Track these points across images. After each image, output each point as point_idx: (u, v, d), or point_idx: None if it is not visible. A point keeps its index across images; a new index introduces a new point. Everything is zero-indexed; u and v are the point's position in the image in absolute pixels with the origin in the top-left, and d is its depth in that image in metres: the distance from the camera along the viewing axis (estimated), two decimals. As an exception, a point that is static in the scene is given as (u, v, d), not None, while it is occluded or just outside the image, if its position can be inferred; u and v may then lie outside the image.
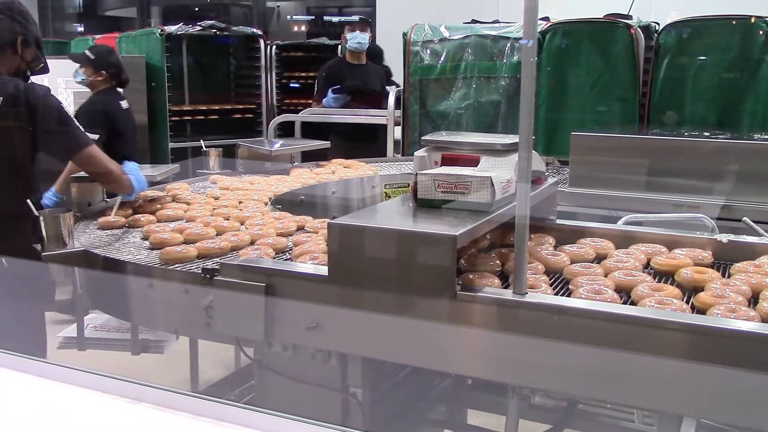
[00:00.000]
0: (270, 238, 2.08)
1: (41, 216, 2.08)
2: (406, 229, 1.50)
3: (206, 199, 2.67)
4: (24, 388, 1.11)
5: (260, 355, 1.75)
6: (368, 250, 1.52)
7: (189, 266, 1.90)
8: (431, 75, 4.07)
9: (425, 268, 1.47)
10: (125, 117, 4.50)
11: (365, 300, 1.54)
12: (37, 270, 2.06)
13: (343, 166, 3.33)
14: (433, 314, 1.49)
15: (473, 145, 1.81)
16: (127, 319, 2.35)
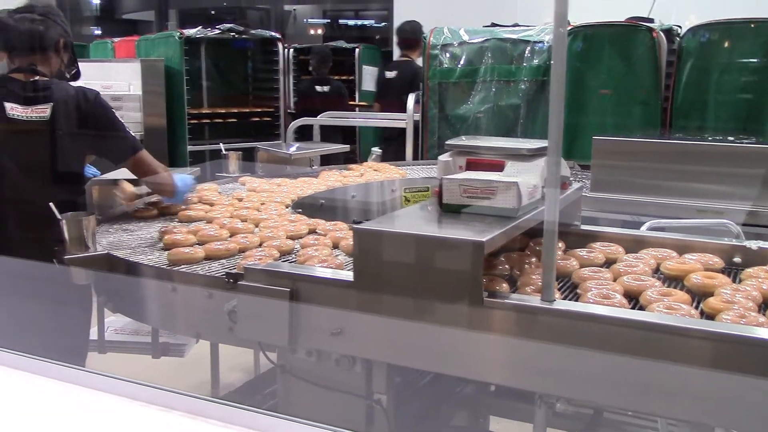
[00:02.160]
0: (277, 240, 2.07)
1: (64, 219, 2.09)
2: (433, 235, 1.49)
3: (230, 200, 2.67)
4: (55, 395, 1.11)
5: (284, 361, 1.74)
6: (394, 256, 1.51)
7: (195, 267, 1.91)
8: (450, 78, 4.06)
9: (452, 274, 1.46)
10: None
11: (390, 306, 1.53)
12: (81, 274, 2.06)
13: (372, 170, 3.32)
14: (459, 321, 1.48)
15: (498, 150, 1.80)
16: (149, 323, 2.35)
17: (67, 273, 2.07)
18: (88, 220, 2.11)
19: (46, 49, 2.47)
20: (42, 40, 2.45)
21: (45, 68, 2.47)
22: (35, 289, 2.36)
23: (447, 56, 4.07)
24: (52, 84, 2.45)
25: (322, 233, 2.19)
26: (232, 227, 2.24)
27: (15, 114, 2.37)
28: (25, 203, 2.45)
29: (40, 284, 2.34)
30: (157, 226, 2.37)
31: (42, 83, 2.43)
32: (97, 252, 2.09)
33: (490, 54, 3.97)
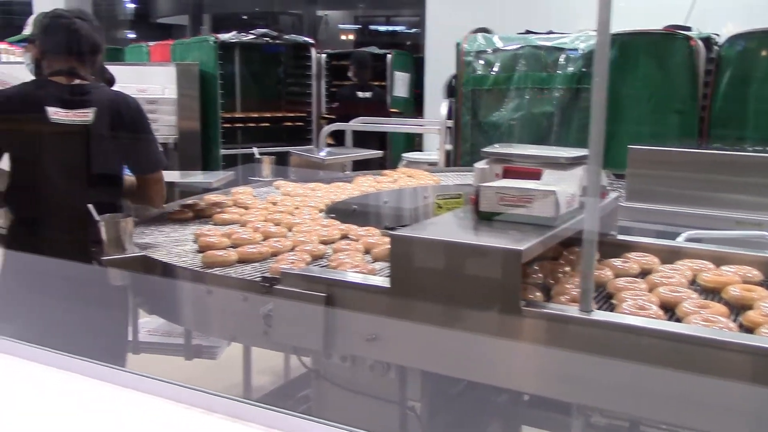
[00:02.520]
0: (309, 245, 2.09)
1: (102, 221, 2.11)
2: (471, 243, 1.49)
3: (265, 204, 2.69)
4: (97, 396, 1.12)
5: (318, 365, 1.75)
6: (431, 263, 1.51)
7: (228, 270, 1.93)
8: (484, 85, 4.06)
9: (489, 282, 1.45)
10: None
11: (426, 312, 1.53)
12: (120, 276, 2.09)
13: (406, 176, 3.31)
14: (496, 329, 1.47)
15: (536, 158, 1.79)
16: (184, 325, 2.37)
17: (105, 274, 2.09)
18: (125, 222, 2.13)
19: (86, 53, 2.50)
20: (83, 44, 2.48)
21: (84, 72, 2.50)
22: (74, 289, 2.40)
23: (481, 63, 4.06)
24: (94, 88, 2.48)
25: (354, 238, 2.20)
26: (265, 231, 2.25)
27: (58, 118, 2.40)
28: (65, 205, 2.48)
29: (79, 284, 2.37)
30: (192, 229, 2.39)
31: (84, 87, 2.46)
32: (134, 254, 2.11)
33: (524, 61, 3.95)
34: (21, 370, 1.35)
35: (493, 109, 4.04)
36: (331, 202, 2.76)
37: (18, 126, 2.46)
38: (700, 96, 3.45)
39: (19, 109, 2.44)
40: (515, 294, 1.43)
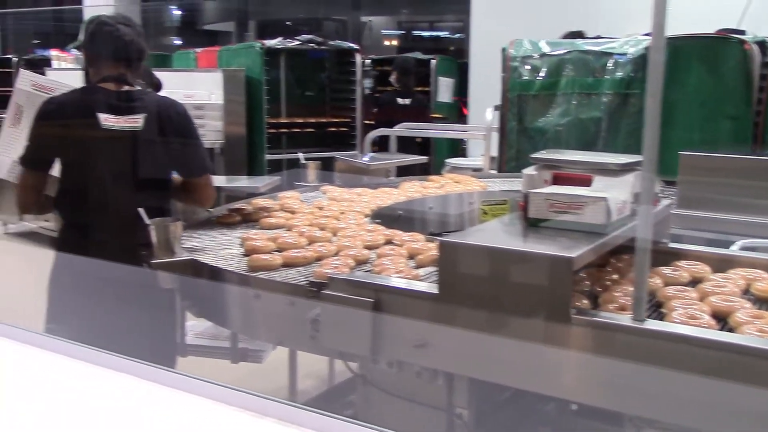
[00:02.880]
0: (354, 250, 2.09)
1: (152, 225, 2.14)
2: (521, 250, 1.48)
3: (311, 208, 2.70)
4: (149, 397, 1.13)
5: (365, 371, 1.75)
6: (480, 270, 1.50)
7: (273, 274, 1.94)
8: (530, 91, 4.02)
9: (539, 290, 1.44)
10: None
11: (475, 320, 1.52)
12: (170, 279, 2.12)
13: (453, 181, 3.30)
14: (545, 337, 1.45)
15: (586, 165, 1.76)
16: (232, 329, 2.39)
17: (154, 277, 2.12)
18: (174, 225, 2.16)
19: (132, 59, 2.54)
20: (129, 51, 2.53)
21: (131, 78, 2.54)
22: (123, 291, 2.44)
23: (527, 68, 4.03)
24: (144, 94, 2.52)
25: (399, 244, 2.19)
26: (310, 235, 2.26)
27: (109, 124, 2.45)
28: (114, 209, 2.53)
29: (128, 287, 2.41)
30: (240, 233, 2.42)
31: (133, 93, 2.50)
32: (182, 257, 2.14)
33: (572, 66, 3.91)
34: (73, 370, 1.38)
35: (539, 114, 4.00)
36: (377, 208, 2.76)
37: (69, 132, 2.51)
38: (755, 101, 3.37)
39: (71, 115, 2.49)
40: (565, 302, 1.41)
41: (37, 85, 2.74)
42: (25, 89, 2.73)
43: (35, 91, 2.73)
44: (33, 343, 1.52)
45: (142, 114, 2.46)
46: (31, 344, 1.51)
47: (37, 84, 2.74)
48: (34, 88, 2.73)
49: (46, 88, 2.73)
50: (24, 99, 2.72)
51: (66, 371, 1.39)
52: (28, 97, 2.72)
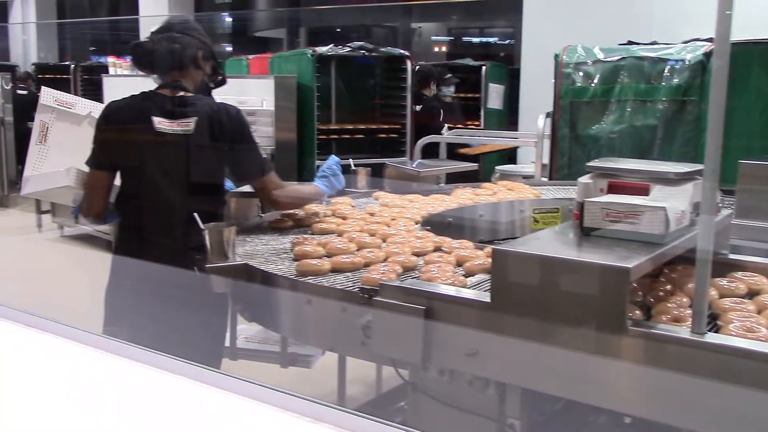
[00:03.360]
0: (402, 256, 2.08)
1: (206, 230, 2.17)
2: (577, 259, 1.45)
3: (362, 214, 2.71)
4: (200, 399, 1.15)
5: (415, 378, 1.74)
6: (534, 279, 1.48)
7: (321, 279, 1.96)
8: (583, 98, 3.97)
9: (595, 300, 1.42)
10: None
11: (528, 329, 1.50)
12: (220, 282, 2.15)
13: (507, 189, 3.27)
14: (600, 348, 1.43)
15: (644, 173, 1.73)
16: (283, 333, 2.40)
17: (207, 281, 2.15)
18: (228, 230, 2.18)
19: (186, 64, 2.59)
20: (181, 58, 2.57)
21: (188, 83, 2.59)
22: (177, 294, 2.47)
23: (580, 75, 3.98)
24: (196, 99, 2.56)
25: (447, 251, 2.18)
26: (359, 241, 2.27)
27: (162, 127, 2.50)
28: (168, 212, 2.57)
29: (182, 290, 2.45)
30: (291, 238, 2.43)
31: (186, 98, 2.55)
32: (236, 262, 2.16)
33: (626, 73, 3.85)
34: (129, 371, 1.40)
35: (592, 121, 3.94)
36: (427, 214, 2.76)
37: (125, 136, 2.57)
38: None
39: (128, 119, 2.55)
40: (622, 313, 1.38)
41: (60, 101, 2.82)
42: (49, 104, 2.80)
43: (58, 107, 2.80)
44: (91, 344, 1.55)
45: (194, 118, 2.51)
46: (89, 345, 1.55)
47: (59, 100, 2.82)
48: (57, 104, 2.81)
49: (68, 103, 2.81)
50: (48, 115, 2.80)
51: (122, 372, 1.42)
52: (53, 112, 2.80)
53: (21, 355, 1.56)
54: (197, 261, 2.20)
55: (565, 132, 4.03)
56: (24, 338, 1.60)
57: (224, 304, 2.49)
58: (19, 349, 1.59)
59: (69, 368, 1.48)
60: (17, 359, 1.55)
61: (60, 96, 2.83)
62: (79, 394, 1.33)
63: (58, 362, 1.52)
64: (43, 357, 1.54)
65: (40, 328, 1.62)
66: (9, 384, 1.40)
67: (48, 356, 1.54)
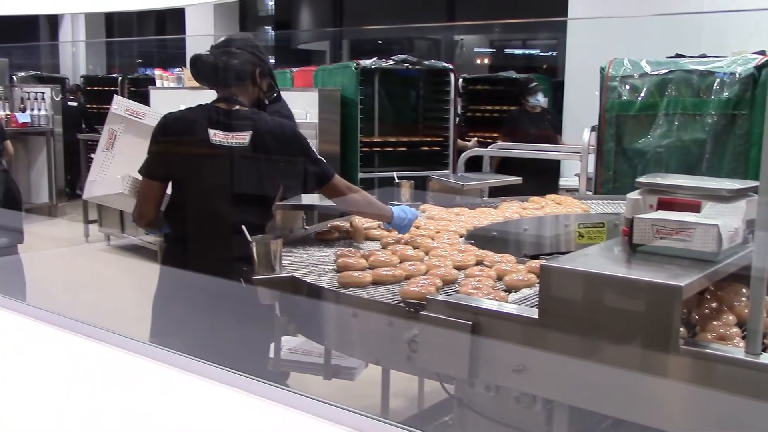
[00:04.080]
0: (442, 269, 2.08)
1: (253, 242, 2.20)
2: (628, 276, 1.44)
3: None
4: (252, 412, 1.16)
5: (461, 393, 1.74)
6: (583, 296, 1.47)
7: (362, 291, 1.97)
8: (629, 111, 3.93)
9: (645, 319, 1.40)
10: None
11: (576, 346, 1.49)
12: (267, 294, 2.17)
13: (555, 203, 3.25)
14: (650, 367, 1.41)
15: (695, 190, 1.71)
16: (328, 346, 2.42)
17: (254, 292, 2.17)
18: (275, 243, 2.21)
19: (243, 79, 2.63)
20: (238, 72, 2.62)
21: (244, 97, 2.63)
22: (223, 304, 2.50)
23: (626, 88, 3.94)
24: (252, 114, 2.61)
25: (489, 265, 2.18)
26: (402, 254, 2.28)
27: (217, 140, 2.54)
28: (219, 223, 2.61)
29: (229, 301, 2.48)
30: (336, 249, 2.45)
31: (243, 112, 2.60)
32: (282, 274, 2.18)
33: (675, 86, 3.80)
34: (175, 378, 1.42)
35: (639, 135, 3.90)
36: (473, 228, 2.75)
37: (180, 147, 2.62)
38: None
39: (183, 130, 2.60)
40: (674, 332, 1.36)
41: (130, 111, 2.88)
42: (120, 114, 2.87)
43: (128, 116, 2.87)
44: (139, 352, 1.58)
45: (249, 132, 2.55)
46: (137, 353, 1.58)
47: (130, 109, 2.89)
48: (127, 113, 2.88)
49: (139, 113, 2.87)
50: (118, 123, 2.87)
51: (167, 379, 1.44)
52: (122, 121, 2.87)
53: (72, 363, 1.60)
54: (243, 272, 2.23)
55: (611, 146, 3.99)
56: (76, 347, 1.64)
57: (270, 316, 2.51)
58: (70, 357, 1.63)
59: (117, 376, 1.51)
60: (69, 367, 1.58)
61: (131, 105, 2.91)
62: (126, 401, 1.36)
63: (106, 370, 1.55)
64: (91, 364, 1.58)
65: (90, 336, 1.65)
66: (60, 390, 1.44)
67: (96, 364, 1.58)
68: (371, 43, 12.88)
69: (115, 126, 2.86)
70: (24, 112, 9.01)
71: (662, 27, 5.55)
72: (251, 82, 2.65)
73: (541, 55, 12.50)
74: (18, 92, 9.31)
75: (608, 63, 4.06)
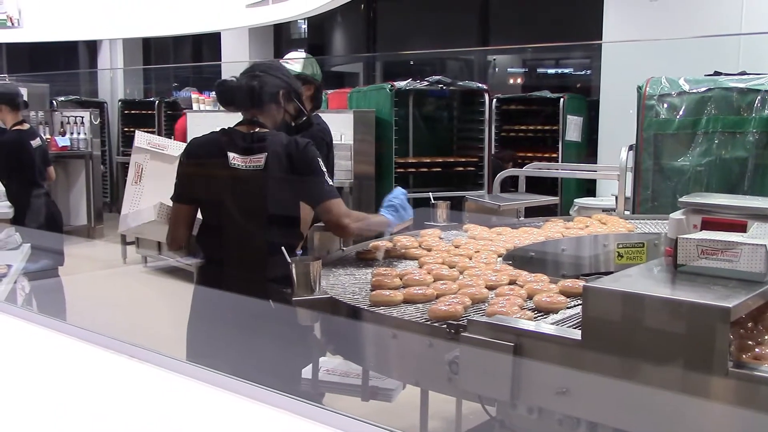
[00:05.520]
0: (473, 288, 2.07)
1: (293, 263, 2.21)
2: (673, 298, 1.42)
3: (448, 246, 2.71)
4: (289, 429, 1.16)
5: (503, 416, 1.72)
6: (628, 317, 1.45)
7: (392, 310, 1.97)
8: (668, 130, 3.89)
9: (692, 341, 1.38)
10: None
11: (621, 369, 1.47)
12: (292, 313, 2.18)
13: (600, 222, 3.21)
14: (698, 389, 1.38)
15: (740, 209, 1.69)
16: (367, 367, 2.41)
17: (293, 313, 2.18)
18: (314, 264, 2.22)
19: (264, 102, 2.67)
20: (260, 95, 2.65)
21: (267, 120, 2.67)
22: (258, 326, 2.52)
23: (664, 107, 3.91)
24: (269, 135, 2.63)
25: (521, 284, 2.16)
26: (437, 273, 2.27)
27: (236, 163, 2.58)
28: (244, 245, 2.64)
29: (264, 322, 2.49)
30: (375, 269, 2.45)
31: (259, 135, 2.63)
32: (321, 295, 2.18)
33: (714, 104, 3.76)
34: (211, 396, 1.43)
35: (677, 154, 3.86)
36: (513, 247, 2.74)
37: (204, 171, 2.67)
38: None
39: (205, 155, 2.66)
40: (722, 354, 1.34)
41: (153, 144, 2.97)
42: (143, 147, 2.96)
43: (152, 149, 2.96)
44: (176, 369, 1.60)
45: (264, 154, 2.57)
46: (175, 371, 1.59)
47: (152, 143, 2.98)
48: (150, 146, 2.96)
49: (161, 146, 2.96)
50: (142, 156, 2.95)
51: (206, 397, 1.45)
52: (146, 154, 2.95)
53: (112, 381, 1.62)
54: (280, 293, 2.24)
55: (649, 164, 3.96)
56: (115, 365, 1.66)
57: (307, 336, 2.51)
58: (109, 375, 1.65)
59: (156, 393, 1.52)
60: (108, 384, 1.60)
61: (153, 139, 3.00)
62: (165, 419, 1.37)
63: (145, 387, 1.57)
64: (130, 382, 1.60)
65: (129, 354, 1.68)
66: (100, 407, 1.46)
67: (135, 381, 1.60)
68: (404, 64, 12.94)
69: (140, 159, 2.95)
70: (64, 136, 9.21)
71: (699, 45, 5.50)
72: (273, 105, 2.68)
73: (575, 73, 12.45)
74: (58, 116, 9.52)
75: (645, 81, 4.03)
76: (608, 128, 6.55)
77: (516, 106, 8.32)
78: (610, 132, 6.43)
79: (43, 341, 1.87)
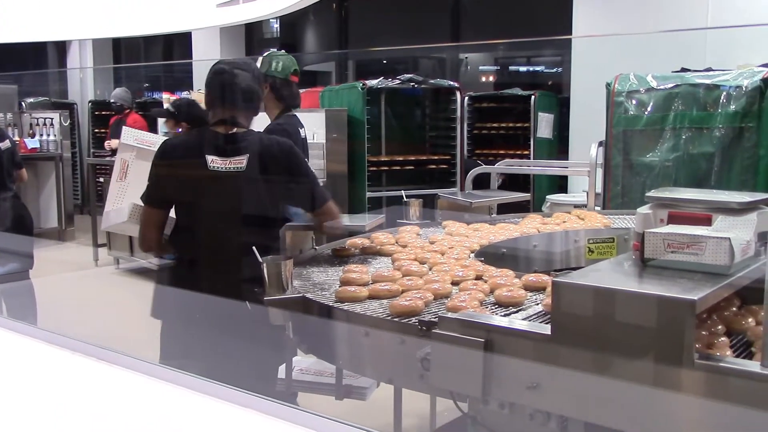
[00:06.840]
0: (437, 284, 2.09)
1: (264, 263, 2.20)
2: (640, 291, 1.44)
3: (422, 242, 2.71)
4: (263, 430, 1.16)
5: (474, 411, 1.73)
6: (596, 311, 1.47)
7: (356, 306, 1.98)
8: (636, 126, 3.94)
9: (659, 333, 1.39)
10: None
11: (590, 362, 1.48)
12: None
13: (578, 217, 3.23)
14: (665, 382, 1.40)
15: (705, 203, 1.71)
16: (340, 365, 2.41)
17: (265, 313, 2.17)
18: (286, 263, 2.21)
19: (245, 102, 2.64)
20: (242, 96, 2.63)
21: (244, 120, 2.64)
22: (232, 326, 2.51)
23: (633, 103, 3.95)
24: (248, 135, 2.61)
25: (486, 280, 2.17)
26: (407, 269, 2.28)
27: (215, 166, 2.55)
28: (222, 247, 2.62)
29: (238, 323, 2.48)
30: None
31: (238, 135, 2.59)
32: (293, 295, 2.18)
33: (681, 100, 3.81)
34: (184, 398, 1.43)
35: (646, 150, 3.90)
36: (487, 244, 2.75)
37: (181, 172, 2.63)
38: None
39: (183, 156, 2.61)
40: (688, 346, 1.36)
41: (140, 140, 2.93)
42: (130, 143, 2.92)
43: (138, 145, 2.92)
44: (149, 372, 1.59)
45: (245, 155, 2.55)
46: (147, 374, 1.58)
47: (139, 139, 2.94)
48: (137, 142, 2.92)
49: (148, 142, 2.92)
50: (128, 154, 2.91)
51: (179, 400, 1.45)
52: (133, 150, 2.91)
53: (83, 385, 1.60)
54: (252, 294, 2.23)
55: (619, 161, 4.00)
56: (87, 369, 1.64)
57: (280, 336, 2.51)
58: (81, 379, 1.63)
59: (128, 396, 1.51)
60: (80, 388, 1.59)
61: (141, 135, 2.96)
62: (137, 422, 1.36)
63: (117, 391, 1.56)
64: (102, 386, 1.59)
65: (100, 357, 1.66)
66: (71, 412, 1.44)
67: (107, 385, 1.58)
68: (376, 62, 12.92)
69: (126, 156, 2.91)
70: (33, 138, 9.09)
71: (667, 42, 5.56)
72: (254, 106, 2.66)
73: (546, 71, 12.53)
74: (27, 118, 9.39)
75: (614, 78, 4.07)
76: (579, 125, 6.60)
77: (488, 103, 8.35)
78: (580, 129, 6.49)
79: (13, 345, 1.84)
